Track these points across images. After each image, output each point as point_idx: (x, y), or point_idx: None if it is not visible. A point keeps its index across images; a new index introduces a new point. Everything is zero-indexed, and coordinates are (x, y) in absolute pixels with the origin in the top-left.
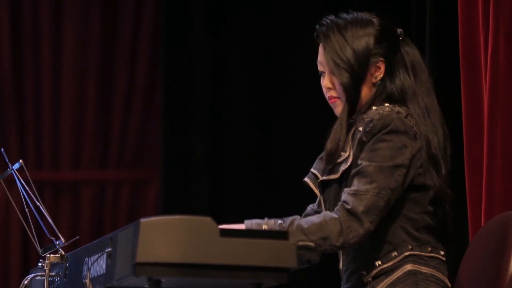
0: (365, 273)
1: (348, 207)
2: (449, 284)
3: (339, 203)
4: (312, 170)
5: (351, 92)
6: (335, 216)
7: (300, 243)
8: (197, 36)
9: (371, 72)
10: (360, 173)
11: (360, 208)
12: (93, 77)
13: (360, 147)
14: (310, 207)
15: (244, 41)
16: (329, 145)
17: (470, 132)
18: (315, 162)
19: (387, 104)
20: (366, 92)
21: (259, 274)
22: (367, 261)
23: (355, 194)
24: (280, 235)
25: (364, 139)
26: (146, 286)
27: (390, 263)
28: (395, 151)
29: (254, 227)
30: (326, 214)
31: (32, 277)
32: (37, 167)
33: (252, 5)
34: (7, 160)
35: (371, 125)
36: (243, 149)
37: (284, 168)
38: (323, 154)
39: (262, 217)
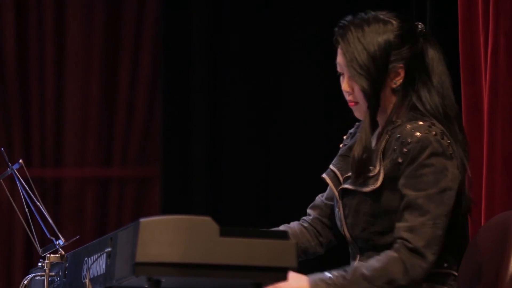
0: None
1: (410, 245)
2: None
3: (399, 241)
4: (332, 167)
5: (372, 98)
6: (396, 255)
7: None
8: (197, 36)
9: (391, 77)
10: (411, 207)
11: (421, 244)
12: (96, 76)
13: (396, 168)
14: (319, 198)
15: (244, 41)
16: (355, 152)
17: (470, 132)
18: (335, 159)
19: (421, 123)
20: (386, 98)
21: (259, 274)
22: None
23: (411, 230)
24: (280, 234)
25: (400, 160)
26: (146, 286)
27: None
28: (438, 175)
29: (318, 281)
30: (387, 255)
31: (32, 277)
32: (41, 165)
33: (252, 5)
34: (7, 160)
35: (408, 147)
36: (243, 148)
37: (284, 167)
38: (343, 152)
39: (261, 217)
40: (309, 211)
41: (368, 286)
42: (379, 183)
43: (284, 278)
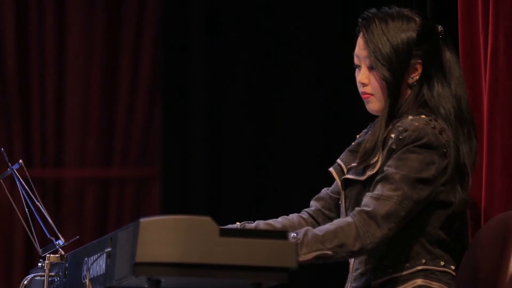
0: (374, 278)
1: (369, 209)
2: None
3: (357, 208)
4: (339, 161)
5: (393, 89)
6: (350, 220)
7: (317, 253)
8: (197, 37)
9: (408, 72)
10: (386, 179)
11: (381, 212)
12: (97, 76)
13: (389, 154)
14: (325, 191)
15: (244, 41)
16: (367, 143)
17: None
18: (343, 154)
19: (423, 116)
20: (402, 93)
21: (259, 274)
22: (379, 266)
23: (378, 198)
24: (280, 235)
25: (393, 146)
26: (146, 286)
27: (401, 273)
28: (423, 165)
29: None
30: (340, 220)
31: (32, 277)
32: (42, 165)
33: (252, 5)
34: (6, 160)
35: (404, 134)
36: (242, 149)
37: (283, 167)
38: (352, 147)
39: (261, 217)
40: (312, 202)
41: (320, 247)
42: (375, 170)
43: (284, 278)
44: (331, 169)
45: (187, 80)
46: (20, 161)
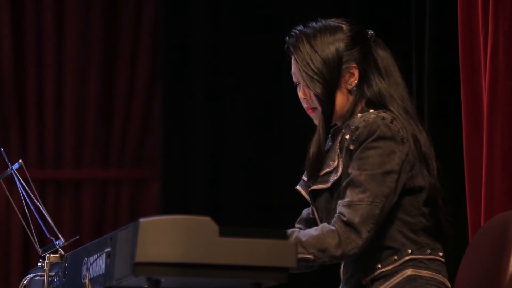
0: (364, 276)
1: (345, 218)
2: (449, 286)
3: (335, 215)
4: (304, 177)
5: (326, 102)
6: (333, 228)
7: (299, 256)
8: (197, 37)
9: (345, 79)
10: (352, 183)
11: (356, 219)
12: (94, 76)
13: (348, 155)
14: (306, 211)
15: (243, 41)
16: (310, 154)
17: (469, 132)
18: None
19: (371, 110)
20: (341, 100)
21: (258, 274)
22: (367, 264)
23: (349, 205)
24: (280, 234)
25: (351, 147)
26: (146, 286)
27: (390, 267)
28: (384, 158)
29: None
30: (324, 226)
31: (32, 277)
32: (39, 166)
33: (252, 6)
34: (6, 160)
35: (357, 132)
36: (243, 149)
37: (283, 168)
38: None
39: (261, 217)
40: (297, 226)
41: (302, 251)
42: (338, 174)
43: (284, 278)
44: (298, 186)
45: (186, 80)
46: (20, 161)
